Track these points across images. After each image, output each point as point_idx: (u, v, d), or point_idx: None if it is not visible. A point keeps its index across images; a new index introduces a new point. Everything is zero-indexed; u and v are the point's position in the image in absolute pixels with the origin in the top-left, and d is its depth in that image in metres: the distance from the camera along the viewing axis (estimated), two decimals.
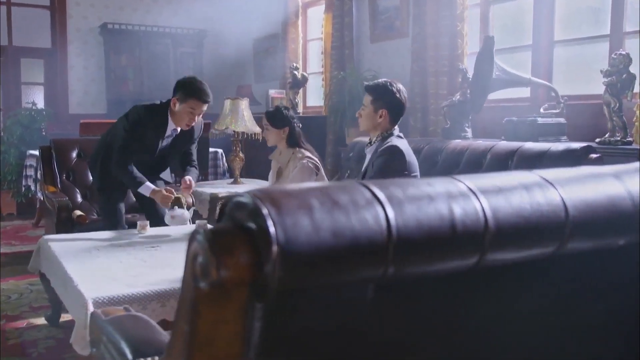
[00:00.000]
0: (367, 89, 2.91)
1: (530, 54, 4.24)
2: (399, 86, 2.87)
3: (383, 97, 2.83)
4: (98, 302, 1.94)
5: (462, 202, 0.90)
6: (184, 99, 3.19)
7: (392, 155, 2.72)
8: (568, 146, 2.84)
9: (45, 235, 3.00)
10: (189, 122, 3.23)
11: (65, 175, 3.92)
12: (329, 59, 6.04)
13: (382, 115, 2.83)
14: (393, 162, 2.71)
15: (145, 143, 3.28)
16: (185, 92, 3.21)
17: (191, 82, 3.26)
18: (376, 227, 0.80)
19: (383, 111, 2.83)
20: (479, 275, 0.95)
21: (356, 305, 0.89)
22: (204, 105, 3.23)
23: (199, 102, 3.20)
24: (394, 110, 2.84)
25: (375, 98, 2.84)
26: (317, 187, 0.85)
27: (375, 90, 2.85)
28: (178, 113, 3.21)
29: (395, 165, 2.70)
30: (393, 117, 2.85)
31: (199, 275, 0.75)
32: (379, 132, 2.86)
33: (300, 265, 0.74)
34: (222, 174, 5.84)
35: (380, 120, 2.84)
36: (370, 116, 2.85)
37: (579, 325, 1.13)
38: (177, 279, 2.12)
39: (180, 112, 3.20)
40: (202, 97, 3.20)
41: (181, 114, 3.20)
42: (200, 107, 3.21)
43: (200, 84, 3.25)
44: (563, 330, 1.10)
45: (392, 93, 2.81)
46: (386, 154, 2.73)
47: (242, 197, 0.80)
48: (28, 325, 3.06)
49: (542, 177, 1.04)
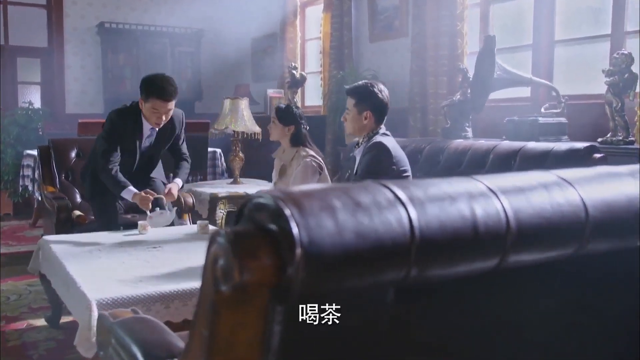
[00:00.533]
0: (349, 92, 2.93)
1: (530, 53, 4.23)
2: (380, 86, 2.91)
3: (366, 99, 2.86)
4: (102, 303, 1.91)
5: (483, 202, 0.88)
6: (146, 98, 3.16)
7: (378, 151, 2.75)
8: (571, 146, 2.84)
9: (45, 236, 2.98)
10: (157, 120, 3.19)
11: (64, 175, 3.89)
12: (327, 58, 6.02)
13: (366, 117, 2.86)
14: (379, 158, 2.74)
15: (125, 146, 3.28)
16: (146, 91, 3.16)
17: (152, 80, 3.18)
18: (399, 229, 0.79)
19: (367, 112, 2.86)
20: (497, 277, 0.94)
21: (376, 308, 0.87)
22: (167, 103, 3.14)
23: (160, 101, 3.13)
24: (377, 111, 2.86)
25: (358, 100, 2.87)
26: (338, 187, 0.83)
27: (357, 93, 2.88)
28: (145, 113, 3.20)
29: (381, 160, 2.73)
30: (377, 117, 2.88)
31: (220, 278, 0.73)
32: (365, 133, 2.88)
33: (324, 268, 0.73)
34: (220, 174, 5.82)
35: (366, 122, 2.87)
36: (355, 119, 2.88)
37: (598, 326, 1.11)
38: (181, 280, 2.10)
39: (146, 112, 3.19)
40: (162, 95, 3.11)
41: (147, 113, 3.19)
42: (162, 105, 3.14)
43: (161, 81, 3.16)
44: (582, 331, 1.09)
45: (374, 94, 2.85)
46: (372, 150, 2.77)
47: (262, 198, 0.78)
48: (28, 327, 3.03)
49: (560, 176, 1.03)
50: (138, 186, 3.24)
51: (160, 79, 3.17)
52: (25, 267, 3.06)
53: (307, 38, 6.93)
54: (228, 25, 7.34)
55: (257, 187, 4.21)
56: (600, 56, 3.81)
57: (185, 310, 2.04)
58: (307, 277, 0.71)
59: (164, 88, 3.13)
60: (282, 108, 3.33)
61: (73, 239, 2.92)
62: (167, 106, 3.16)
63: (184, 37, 7.68)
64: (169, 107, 3.17)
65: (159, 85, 3.14)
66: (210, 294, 0.76)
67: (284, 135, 3.26)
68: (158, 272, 2.29)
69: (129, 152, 3.32)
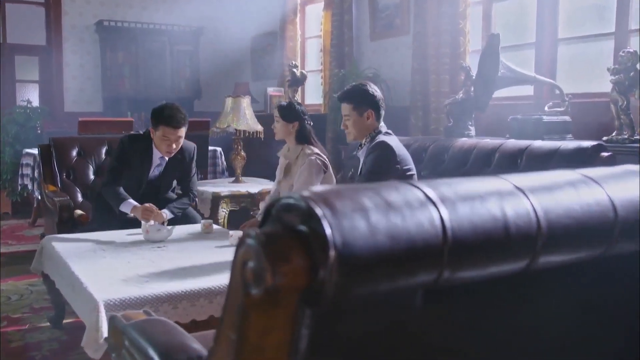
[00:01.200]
0: (343, 99, 2.95)
1: (533, 51, 4.21)
2: (370, 84, 2.96)
3: (363, 100, 2.88)
4: (109, 304, 1.89)
5: (512, 202, 0.86)
6: (156, 126, 3.24)
7: (382, 151, 2.76)
8: (578, 145, 2.82)
9: (47, 236, 2.95)
10: (168, 148, 3.26)
11: (66, 174, 3.85)
12: (328, 56, 6.00)
13: (368, 117, 2.88)
14: (383, 157, 2.74)
15: (132, 172, 3.34)
16: (156, 119, 3.24)
17: (160, 109, 3.27)
18: (431, 230, 0.77)
19: (369, 112, 2.87)
20: (523, 279, 0.92)
21: (405, 311, 0.85)
22: (176, 130, 3.21)
23: (169, 128, 3.20)
24: (377, 107, 2.89)
25: (356, 104, 2.88)
26: (367, 187, 0.81)
27: (353, 97, 2.90)
28: (156, 142, 3.28)
29: (385, 160, 2.74)
30: (378, 114, 2.90)
31: (250, 281, 0.71)
32: (368, 133, 2.88)
33: (358, 271, 0.71)
34: (221, 173, 5.80)
35: (369, 122, 2.89)
36: (357, 122, 2.89)
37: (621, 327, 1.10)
38: (188, 280, 2.08)
39: (157, 141, 3.27)
40: (171, 123, 3.19)
41: (158, 142, 3.27)
42: (172, 133, 3.21)
43: (169, 109, 3.24)
44: (611, 331, 1.07)
45: (369, 92, 2.88)
46: (376, 150, 2.77)
47: (291, 199, 0.76)
48: (30, 327, 3.00)
49: (586, 175, 1.01)
50: None
51: (169, 108, 3.26)
52: (26, 267, 3.03)
53: (307, 36, 6.91)
54: (227, 23, 7.31)
55: (259, 186, 4.18)
56: (604, 54, 3.79)
57: (193, 310, 2.02)
58: (340, 280, 0.69)
59: (172, 116, 3.20)
60: (284, 105, 3.30)
61: (76, 239, 2.89)
62: (177, 133, 3.22)
63: (182, 35, 7.65)
64: (178, 134, 3.23)
65: (167, 113, 3.21)
66: (239, 297, 0.74)
67: (289, 133, 3.24)
68: (164, 272, 2.26)
69: (136, 178, 3.37)
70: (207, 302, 2.04)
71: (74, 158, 3.92)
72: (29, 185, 5.30)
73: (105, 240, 2.84)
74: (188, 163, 3.48)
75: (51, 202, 3.50)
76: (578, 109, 3.74)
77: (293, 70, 5.97)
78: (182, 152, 3.41)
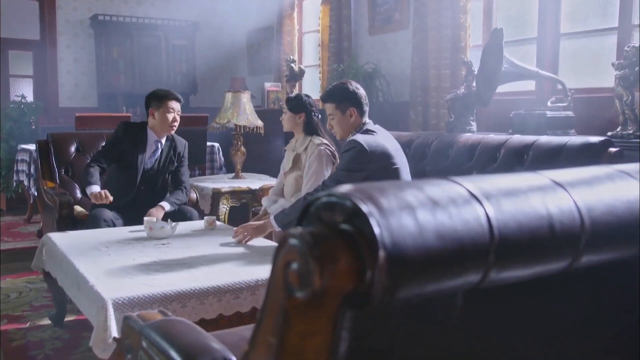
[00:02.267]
0: (326, 99, 2.96)
1: (535, 46, 4.19)
2: (352, 82, 2.97)
3: (344, 98, 2.87)
4: (117, 303, 1.85)
5: (555, 198, 0.83)
6: (159, 105, 3.43)
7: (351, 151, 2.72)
8: (586, 140, 2.80)
9: (49, 233, 2.90)
10: (172, 122, 3.43)
11: (64, 170, 3.81)
12: (326, 51, 5.96)
13: (351, 114, 2.88)
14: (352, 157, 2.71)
15: (128, 159, 3.43)
16: (157, 99, 3.45)
17: (157, 90, 3.54)
18: (478, 228, 0.74)
19: (351, 110, 2.87)
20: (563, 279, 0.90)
21: (445, 312, 0.82)
22: (177, 103, 3.47)
23: (173, 101, 3.45)
24: (359, 104, 2.88)
25: (338, 102, 2.88)
26: (409, 183, 0.78)
27: (335, 96, 2.90)
28: (159, 120, 3.43)
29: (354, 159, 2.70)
30: (360, 111, 2.89)
31: (294, 284, 0.68)
32: (353, 130, 2.88)
33: (407, 272, 0.67)
34: (218, 168, 5.76)
35: (353, 119, 2.88)
36: (341, 121, 2.89)
37: None
38: (196, 278, 2.04)
39: (161, 117, 3.42)
40: (174, 96, 3.47)
41: (162, 118, 3.42)
42: (175, 105, 3.45)
43: (165, 89, 3.56)
44: None
45: (349, 90, 2.88)
46: (348, 149, 2.75)
47: (333, 196, 0.72)
48: (31, 326, 2.95)
49: (621, 170, 0.98)
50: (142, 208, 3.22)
51: (164, 89, 3.56)
52: (24, 264, 2.99)
53: (305, 31, 6.86)
54: (224, 17, 7.25)
55: (259, 182, 4.15)
56: (607, 49, 3.77)
57: (202, 309, 1.99)
58: (390, 282, 0.66)
59: (170, 91, 3.50)
60: (291, 97, 3.29)
61: (77, 236, 2.85)
62: (177, 107, 3.46)
63: (178, 30, 7.57)
64: (178, 108, 3.47)
65: (166, 91, 3.51)
66: (280, 300, 0.71)
67: (296, 125, 3.21)
68: (171, 269, 2.22)
69: (131, 166, 3.43)
70: (215, 300, 2.01)
71: (73, 154, 3.87)
72: (25, 181, 5.23)
73: (108, 237, 2.79)
74: (180, 155, 3.57)
75: (50, 199, 3.45)
76: (580, 104, 3.72)
77: (291, 65, 5.93)
78: (175, 142, 3.55)
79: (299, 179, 3.15)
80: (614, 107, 3.46)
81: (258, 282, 2.10)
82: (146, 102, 3.48)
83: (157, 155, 3.49)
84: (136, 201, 3.35)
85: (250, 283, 2.08)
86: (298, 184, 3.15)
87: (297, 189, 3.15)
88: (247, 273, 2.16)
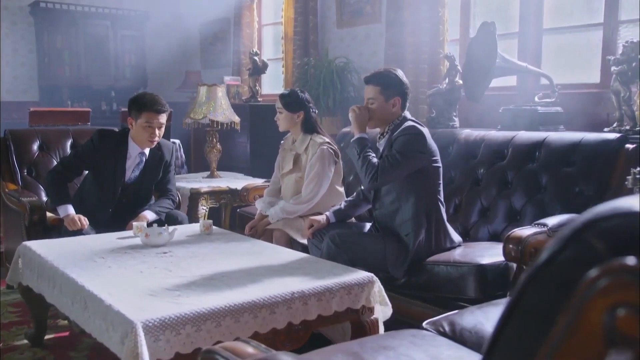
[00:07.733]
0: (371, 80, 2.74)
1: (516, 41, 4.15)
2: (399, 70, 2.81)
3: (393, 85, 2.70)
4: (148, 326, 1.61)
5: None
6: (137, 115, 3.04)
7: (413, 136, 2.58)
8: (602, 137, 2.74)
9: (26, 242, 2.57)
10: (151, 137, 3.04)
11: (27, 171, 3.44)
12: (291, 44, 5.75)
13: (395, 104, 2.71)
14: (413, 141, 2.57)
15: (105, 174, 3.06)
16: (137, 107, 3.05)
17: (141, 96, 3.14)
18: None
19: (396, 99, 2.71)
20: None
21: None
22: (159, 115, 3.04)
23: (152, 113, 3.01)
24: (405, 97, 2.75)
25: (384, 88, 2.70)
26: None
27: (383, 80, 2.72)
28: (137, 132, 3.05)
29: (415, 144, 2.57)
30: (403, 104, 2.75)
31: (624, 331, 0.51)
32: (391, 121, 2.69)
33: None
34: (180, 167, 5.46)
35: (394, 110, 2.71)
36: (382, 107, 2.70)
37: None
38: (224, 293, 1.82)
39: (139, 130, 3.04)
40: (155, 107, 3.02)
41: (140, 131, 3.04)
42: (155, 118, 3.02)
43: (150, 95, 3.12)
44: None
45: (399, 79, 2.73)
46: (407, 134, 2.59)
47: (623, 217, 0.56)
48: (5, 347, 2.62)
49: None
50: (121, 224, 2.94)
51: (149, 95, 3.13)
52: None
53: (265, 23, 6.62)
54: (175, 7, 6.91)
55: (238, 181, 3.92)
56: (593, 45, 3.77)
57: (236, 327, 1.77)
58: None
59: (155, 101, 3.05)
60: (286, 95, 3.06)
61: (61, 244, 2.55)
62: (160, 119, 3.04)
63: (127, 19, 7.17)
64: (161, 120, 3.05)
65: (149, 98, 3.07)
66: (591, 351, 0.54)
67: (294, 124, 3.00)
68: (190, 282, 1.99)
69: (109, 181, 3.06)
70: (251, 317, 1.80)
71: (36, 152, 3.51)
72: None
73: (97, 245, 2.51)
74: (167, 163, 3.24)
75: (15, 203, 3.10)
76: (566, 99, 3.70)
77: (254, 58, 5.70)
78: (161, 150, 3.20)
79: (299, 180, 2.96)
80: (601, 103, 3.45)
81: (294, 294, 1.90)
82: (128, 105, 3.13)
83: (141, 167, 3.15)
84: (115, 216, 3.04)
85: (286, 296, 1.88)
86: (298, 186, 2.96)
87: (298, 191, 2.96)
88: (280, 285, 1.95)
